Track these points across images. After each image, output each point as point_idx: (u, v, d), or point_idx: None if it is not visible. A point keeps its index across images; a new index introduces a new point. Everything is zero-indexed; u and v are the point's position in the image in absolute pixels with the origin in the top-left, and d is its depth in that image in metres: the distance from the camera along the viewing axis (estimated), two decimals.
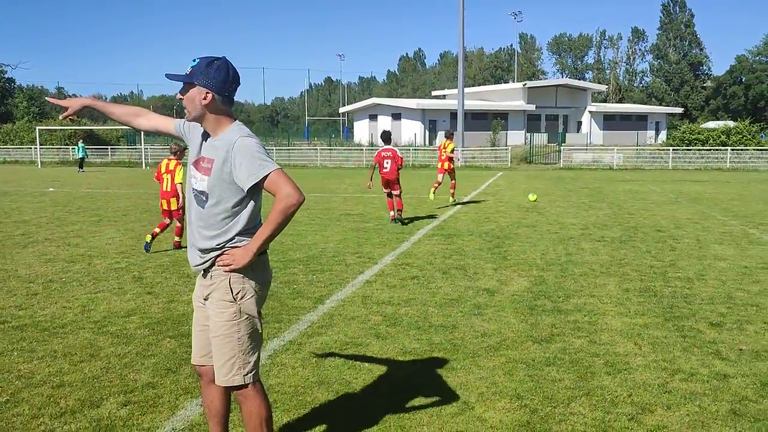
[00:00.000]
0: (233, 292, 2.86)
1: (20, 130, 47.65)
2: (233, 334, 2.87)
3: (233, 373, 2.88)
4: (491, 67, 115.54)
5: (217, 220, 2.86)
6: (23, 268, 7.98)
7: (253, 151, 2.77)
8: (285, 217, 2.76)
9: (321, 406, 3.93)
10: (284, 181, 2.76)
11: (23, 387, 4.20)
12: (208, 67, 2.81)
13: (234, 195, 2.83)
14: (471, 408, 3.89)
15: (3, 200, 16.99)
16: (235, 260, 2.83)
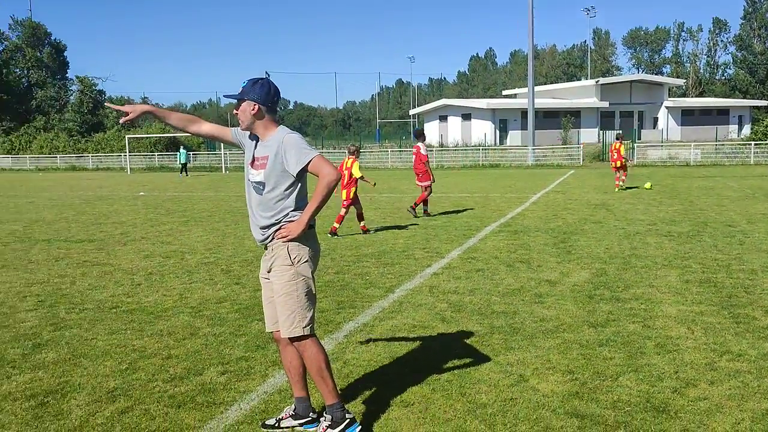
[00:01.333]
0: (291, 257, 3.51)
1: (110, 139, 50.68)
2: (293, 293, 3.50)
3: (294, 325, 3.51)
4: (563, 65, 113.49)
5: (273, 203, 3.54)
6: (126, 263, 8.90)
7: (298, 143, 3.47)
8: (329, 190, 3.43)
9: (391, 378, 4.44)
10: (324, 163, 3.44)
11: (138, 358, 4.92)
12: (254, 86, 3.55)
13: (286, 180, 3.52)
14: (526, 380, 4.31)
15: (101, 204, 18.43)
16: (291, 231, 3.49)
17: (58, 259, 9.28)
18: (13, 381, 4.50)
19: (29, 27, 67.11)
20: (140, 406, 4.03)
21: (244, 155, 3.77)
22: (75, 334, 5.55)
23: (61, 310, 6.39)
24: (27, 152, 52.93)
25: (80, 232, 12.29)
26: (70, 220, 14.39)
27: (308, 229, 3.53)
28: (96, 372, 4.64)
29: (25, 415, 3.95)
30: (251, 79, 3.59)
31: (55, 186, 28.05)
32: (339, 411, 3.58)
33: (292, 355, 3.72)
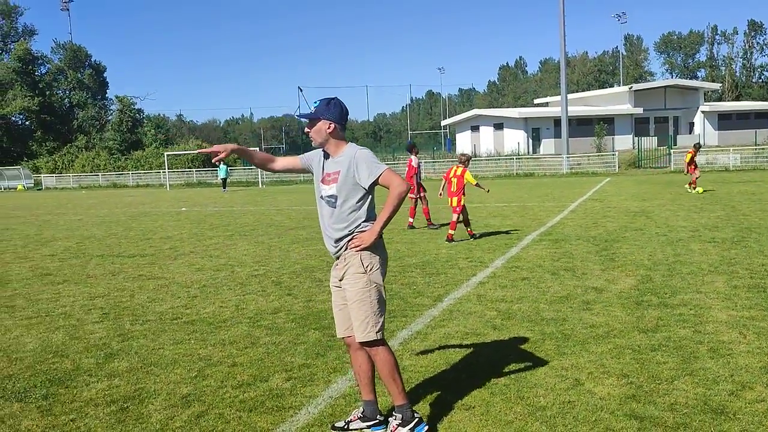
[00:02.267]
0: (364, 265, 3.73)
1: (149, 156, 51.92)
2: (366, 299, 3.72)
3: (368, 330, 3.71)
4: (595, 71, 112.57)
5: (346, 215, 3.76)
6: (179, 276, 9.23)
7: (369, 158, 3.72)
8: (399, 200, 3.65)
9: (449, 383, 4.60)
10: (394, 176, 3.70)
11: (205, 366, 5.16)
12: (328, 105, 3.82)
13: (357, 193, 3.75)
14: (581, 384, 4.43)
15: (146, 220, 18.97)
16: (364, 240, 3.71)
17: (114, 274, 9.66)
18: (92, 388, 4.78)
19: (71, 50, 69.26)
20: (214, 411, 4.26)
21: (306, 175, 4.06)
22: (142, 345, 5.83)
23: (126, 321, 6.70)
24: (70, 171, 54.50)
25: (131, 247, 12.72)
26: (120, 236, 14.88)
27: (378, 238, 3.75)
28: (168, 379, 4.89)
29: (108, 419, 4.21)
30: (323, 99, 3.85)
31: (100, 203, 28.87)
32: (408, 411, 3.78)
33: (363, 359, 3.91)
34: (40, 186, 51.45)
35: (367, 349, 3.80)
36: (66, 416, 4.27)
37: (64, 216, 21.98)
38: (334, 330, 5.94)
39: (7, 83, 65.14)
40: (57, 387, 4.82)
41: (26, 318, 7.05)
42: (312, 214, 18.65)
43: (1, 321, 6.95)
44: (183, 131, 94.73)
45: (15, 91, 64.34)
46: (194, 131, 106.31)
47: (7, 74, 64.80)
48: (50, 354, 5.66)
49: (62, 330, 6.46)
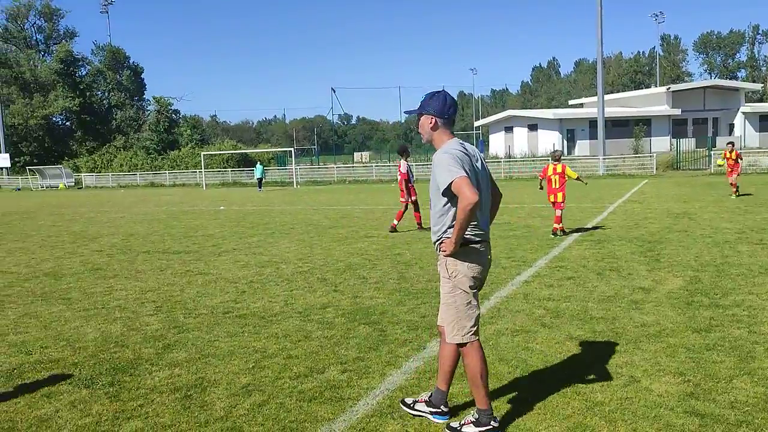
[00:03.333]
0: (448, 272, 3.73)
1: (185, 156, 52.75)
2: (451, 304, 3.74)
3: (453, 333, 3.75)
4: (631, 72, 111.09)
5: (436, 218, 3.75)
6: (225, 272, 9.41)
7: (444, 162, 3.56)
8: (464, 214, 3.45)
9: (503, 378, 4.65)
10: (464, 186, 3.44)
11: (261, 358, 5.29)
12: (431, 99, 3.75)
13: (441, 199, 3.66)
14: (637, 381, 4.44)
15: (186, 218, 19.33)
16: (445, 248, 3.68)
17: (162, 269, 9.89)
18: (155, 376, 4.94)
19: (110, 52, 70.80)
20: (275, 400, 4.37)
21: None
22: (197, 337, 5.99)
23: (179, 315, 6.88)
24: (108, 170, 55.69)
25: (175, 244, 12.99)
26: (162, 233, 15.20)
27: (468, 246, 3.66)
28: (226, 369, 5.03)
29: (174, 405, 4.35)
30: (429, 92, 3.79)
31: (139, 202, 29.46)
32: (486, 416, 3.73)
33: (447, 352, 3.87)
34: (80, 185, 52.69)
35: (460, 350, 3.80)
36: (134, 402, 4.43)
37: (106, 213, 22.50)
38: (384, 325, 6.07)
39: (49, 84, 66.84)
40: (121, 375, 5.00)
41: (83, 309, 7.28)
42: (348, 213, 18.80)
43: (61, 312, 7.20)
44: (217, 132, 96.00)
45: (57, 92, 66.00)
46: (228, 132, 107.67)
47: (50, 75, 66.51)
48: (111, 344, 5.85)
49: (119, 321, 6.66)
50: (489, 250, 3.84)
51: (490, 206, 3.91)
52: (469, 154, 3.72)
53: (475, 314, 3.77)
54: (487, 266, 3.83)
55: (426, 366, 4.93)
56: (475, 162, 3.73)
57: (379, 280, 8.37)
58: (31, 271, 10.13)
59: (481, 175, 3.77)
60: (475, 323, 3.77)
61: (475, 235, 3.69)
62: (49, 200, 34.40)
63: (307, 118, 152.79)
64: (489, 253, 3.84)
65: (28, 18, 72.83)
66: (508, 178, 37.61)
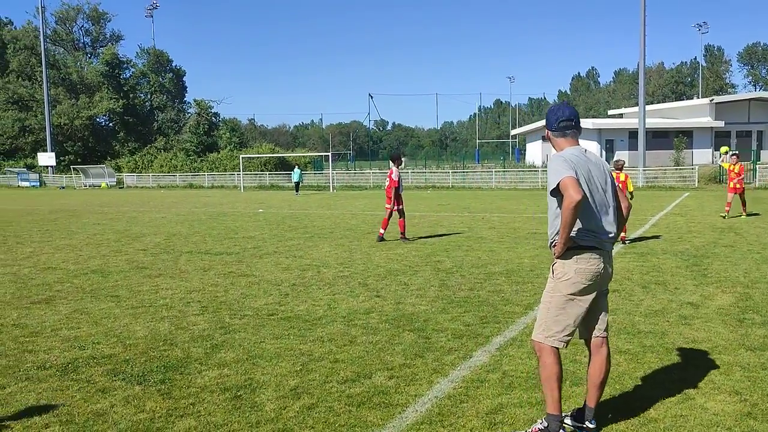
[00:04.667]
0: (554, 273, 3.79)
1: (223, 159, 53.52)
2: (546, 303, 3.79)
3: (538, 332, 3.78)
4: (672, 83, 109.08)
5: (551, 220, 3.84)
6: (267, 274, 9.52)
7: (553, 164, 3.68)
8: (566, 212, 3.53)
9: None
10: (568, 186, 3.52)
11: (308, 361, 5.34)
12: (547, 113, 3.93)
13: (553, 201, 3.76)
14: (691, 398, 4.36)
15: (225, 219, 19.60)
16: (555, 250, 3.75)
17: (205, 270, 10.04)
18: (204, 375, 5.02)
19: (153, 55, 72.29)
20: (324, 404, 4.41)
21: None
22: (244, 338, 6.07)
23: (225, 315, 6.98)
24: (149, 171, 56.79)
25: (216, 245, 13.18)
26: (204, 234, 15.44)
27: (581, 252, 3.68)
28: (274, 371, 5.09)
29: (225, 405, 4.42)
30: None
31: (179, 202, 29.97)
32: (556, 422, 3.73)
33: (595, 365, 3.88)
34: (121, 184, 53.84)
35: (535, 346, 3.84)
36: (185, 400, 4.51)
37: (148, 213, 22.94)
38: (428, 333, 6.07)
39: (94, 86, 68.54)
40: (172, 373, 5.09)
41: (132, 307, 7.44)
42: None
43: (110, 309, 7.36)
44: (255, 135, 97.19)
45: (102, 94, 67.63)
46: (265, 135, 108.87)
47: (96, 77, 68.22)
48: (160, 342, 5.96)
49: (167, 320, 6.79)
50: (608, 259, 3.82)
51: (615, 216, 3.84)
52: (589, 159, 3.79)
53: (565, 322, 3.73)
54: (600, 277, 3.77)
55: (474, 375, 4.91)
56: (596, 170, 3.78)
57: (421, 287, 8.37)
58: (79, 268, 10.39)
59: (600, 182, 3.78)
60: (563, 330, 3.73)
61: (586, 240, 3.69)
62: (92, 199, 35.21)
63: (343, 124, 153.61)
64: (608, 265, 3.82)
65: (76, 21, 74.91)
66: (544, 188, 37.24)
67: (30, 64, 69.88)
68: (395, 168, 13.49)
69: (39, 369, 5.24)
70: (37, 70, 65.82)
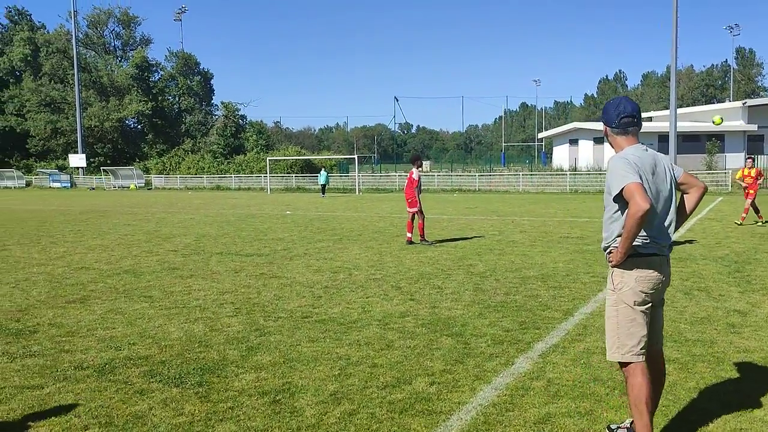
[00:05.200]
0: (614, 283, 3.56)
1: (250, 161, 53.81)
2: (613, 318, 3.56)
3: (613, 350, 3.56)
4: (702, 86, 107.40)
5: (606, 225, 3.62)
6: (299, 276, 9.45)
7: (615, 168, 3.44)
8: (633, 221, 3.30)
9: (602, 399, 4.44)
10: (634, 193, 3.29)
11: (346, 365, 5.23)
12: (604, 109, 3.70)
13: (612, 205, 3.53)
14: (750, 411, 4.16)
15: (254, 221, 19.63)
16: (613, 258, 3.52)
17: (237, 271, 10.01)
18: (241, 379, 4.95)
19: (182, 58, 73.09)
20: (365, 410, 4.30)
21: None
22: (279, 340, 5.99)
23: (259, 317, 6.91)
24: (177, 172, 57.31)
25: (246, 246, 13.16)
26: (233, 235, 15.45)
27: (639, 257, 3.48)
28: (312, 375, 4.99)
29: (264, 409, 4.33)
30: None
31: (207, 204, 30.15)
32: None
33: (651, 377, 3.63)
34: (150, 186, 54.40)
35: (622, 369, 3.60)
36: (224, 404, 4.43)
37: (176, 214, 23.09)
38: (466, 338, 5.93)
39: (124, 89, 69.49)
40: (209, 375, 5.02)
41: (165, 308, 7.42)
42: None
43: (144, 310, 7.35)
44: (280, 138, 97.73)
45: (131, 96, 68.53)
46: (290, 138, 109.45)
47: (126, 80, 69.15)
48: (195, 344, 5.91)
49: (201, 322, 6.74)
50: (667, 266, 3.61)
51: (673, 217, 3.62)
52: (652, 160, 3.57)
53: (639, 333, 3.51)
54: (661, 283, 3.57)
55: (517, 382, 4.76)
56: (658, 168, 3.56)
57: (455, 290, 8.23)
58: (111, 268, 10.43)
59: (662, 184, 3.55)
60: (639, 342, 3.51)
61: (647, 246, 3.49)
62: (122, 200, 35.62)
63: (367, 127, 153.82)
64: (666, 269, 3.59)
65: (107, 25, 76.03)
66: (573, 191, 36.80)
67: (62, 67, 71.08)
68: (415, 169, 13.47)
69: (76, 369, 5.21)
70: (69, 73, 66.91)
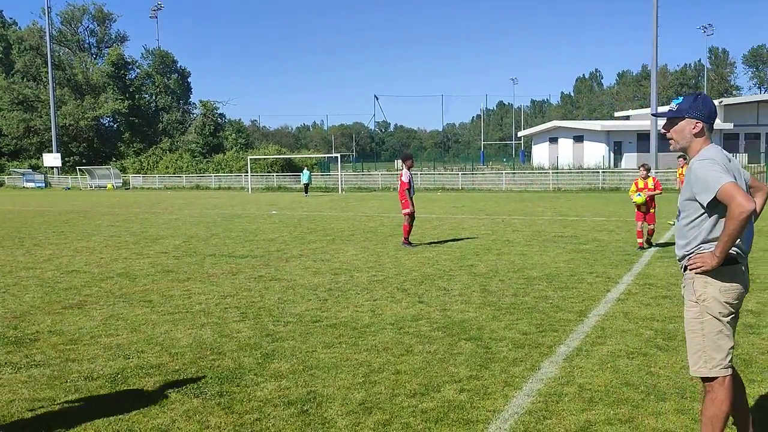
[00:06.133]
0: (696, 294, 3.34)
1: (230, 160, 53.22)
2: (697, 331, 3.34)
3: (699, 365, 3.33)
4: (676, 85, 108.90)
5: (684, 231, 3.39)
6: (299, 279, 9.25)
7: (706, 169, 3.21)
8: (737, 223, 3.08)
9: (638, 405, 4.34)
10: (734, 193, 3.08)
11: (369, 372, 5.07)
12: (695, 101, 3.39)
13: (695, 210, 3.30)
14: None
15: (241, 221, 19.34)
16: (703, 263, 3.24)
17: (234, 273, 9.79)
18: (263, 388, 4.77)
19: (158, 55, 72.03)
20: (398, 420, 4.15)
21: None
22: (294, 347, 5.81)
23: (267, 322, 6.72)
24: (154, 172, 56.51)
25: (238, 248, 12.92)
26: (222, 236, 15.18)
27: (725, 265, 3.26)
28: (336, 384, 4.83)
29: (293, 420, 4.16)
30: (689, 95, 3.46)
31: (189, 204, 29.71)
32: None
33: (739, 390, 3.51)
34: (127, 185, 53.55)
35: (704, 384, 3.40)
36: (249, 415, 4.25)
37: (160, 215, 22.68)
38: (486, 341, 5.81)
39: (100, 86, 68.28)
40: (228, 384, 4.83)
41: (168, 313, 7.19)
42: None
43: (146, 315, 7.11)
44: (257, 136, 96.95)
45: (107, 94, 67.35)
46: (267, 137, 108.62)
47: (101, 78, 67.94)
48: (207, 351, 5.71)
49: (208, 327, 6.53)
50: (748, 273, 3.43)
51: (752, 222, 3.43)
52: (734, 162, 3.37)
53: (726, 346, 3.32)
54: (745, 291, 3.40)
55: (549, 389, 4.65)
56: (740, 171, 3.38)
57: (462, 292, 8.10)
58: (104, 271, 10.14)
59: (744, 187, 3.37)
60: (726, 355, 3.32)
61: (736, 252, 3.28)
62: (101, 200, 34.97)
63: (345, 125, 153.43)
64: (747, 276, 3.42)
65: (81, 22, 74.64)
66: (555, 190, 36.98)
67: (35, 64, 69.64)
68: (405, 170, 13.09)
69: (86, 380, 4.99)
70: (43, 70, 65.59)
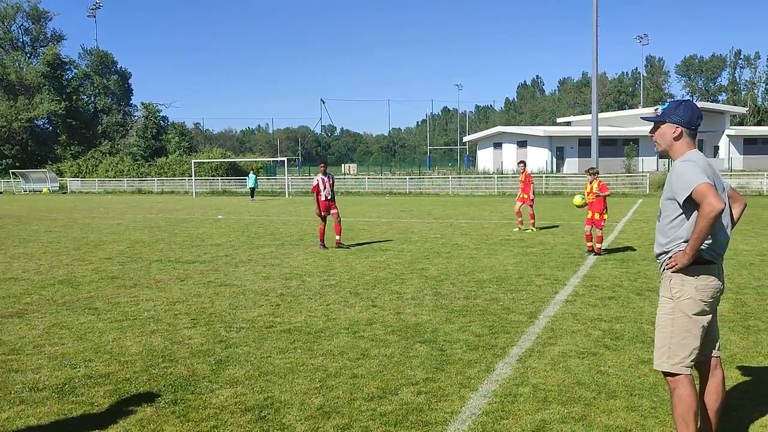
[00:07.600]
0: (672, 291, 3.45)
1: (172, 163, 52.12)
2: (667, 327, 3.46)
3: (662, 360, 3.45)
4: (614, 92, 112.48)
5: (664, 230, 3.51)
6: (250, 284, 9.13)
7: (685, 170, 3.35)
8: (706, 221, 3.22)
9: (588, 402, 4.46)
10: (706, 192, 3.23)
11: (325, 377, 5.05)
12: (677, 107, 3.54)
13: (675, 209, 3.43)
14: (734, 409, 4.29)
15: (186, 226, 18.95)
16: (676, 261, 3.38)
17: (182, 279, 9.59)
18: (219, 394, 4.69)
19: (97, 56, 69.97)
20: (358, 424, 4.15)
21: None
22: (248, 352, 5.73)
23: (219, 328, 6.61)
24: (93, 175, 54.84)
25: (185, 253, 12.66)
26: (168, 241, 14.84)
27: (702, 264, 3.38)
28: (293, 389, 4.79)
29: (251, 427, 4.11)
30: (674, 100, 3.61)
31: (131, 208, 28.93)
32: None
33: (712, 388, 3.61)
34: (65, 189, 51.78)
35: (667, 379, 3.52)
36: (206, 423, 4.18)
37: (101, 220, 22.02)
38: (440, 344, 5.87)
39: (34, 87, 65.83)
40: (183, 392, 4.73)
41: (115, 320, 6.99)
42: (353, 226, 18.52)
43: (92, 323, 6.89)
44: (200, 140, 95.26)
45: (42, 95, 64.98)
46: (210, 140, 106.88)
47: (36, 78, 65.51)
48: (158, 358, 5.57)
49: (158, 334, 6.38)
50: (723, 273, 3.54)
51: (730, 226, 3.58)
52: (713, 167, 3.50)
53: (691, 345, 3.42)
54: (719, 292, 3.49)
55: (504, 389, 4.73)
56: (718, 176, 3.51)
57: (415, 295, 8.16)
58: (43, 279, 9.77)
59: (722, 192, 3.50)
60: (690, 354, 3.43)
61: (711, 253, 3.41)
62: (36, 204, 33.70)
63: (290, 129, 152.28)
64: (723, 277, 3.53)
65: (15, 19, 71.89)
66: (500, 194, 37.63)
67: None
68: (321, 174, 13.33)
69: (32, 390, 4.80)
70: None
